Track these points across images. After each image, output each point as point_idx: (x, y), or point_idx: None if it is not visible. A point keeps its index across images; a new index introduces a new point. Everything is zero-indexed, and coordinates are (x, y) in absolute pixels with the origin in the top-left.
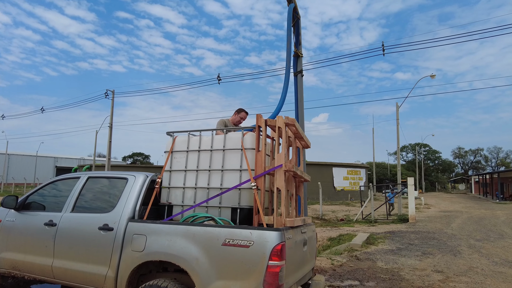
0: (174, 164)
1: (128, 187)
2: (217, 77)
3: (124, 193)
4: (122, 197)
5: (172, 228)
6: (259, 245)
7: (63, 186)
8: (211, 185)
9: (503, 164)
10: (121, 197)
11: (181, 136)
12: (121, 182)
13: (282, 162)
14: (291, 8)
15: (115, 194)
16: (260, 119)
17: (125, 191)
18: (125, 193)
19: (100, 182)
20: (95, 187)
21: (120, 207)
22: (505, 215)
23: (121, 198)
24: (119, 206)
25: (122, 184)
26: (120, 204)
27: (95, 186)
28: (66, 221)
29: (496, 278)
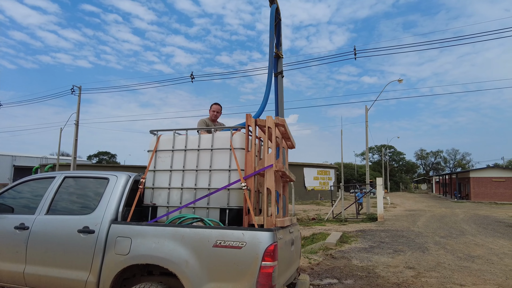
0: (159, 163)
1: (109, 187)
2: (190, 75)
3: (105, 194)
4: (104, 198)
5: (159, 230)
6: (252, 246)
7: (36, 187)
8: (199, 185)
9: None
10: (103, 198)
11: (166, 135)
12: (102, 182)
13: (272, 162)
14: (273, 8)
15: (96, 195)
16: (249, 119)
17: (106, 192)
18: (107, 193)
19: (78, 183)
20: (72, 187)
21: (101, 209)
22: (463, 213)
23: (103, 199)
24: (101, 208)
25: (103, 184)
26: (101, 205)
27: (73, 186)
28: (40, 224)
29: (462, 272)
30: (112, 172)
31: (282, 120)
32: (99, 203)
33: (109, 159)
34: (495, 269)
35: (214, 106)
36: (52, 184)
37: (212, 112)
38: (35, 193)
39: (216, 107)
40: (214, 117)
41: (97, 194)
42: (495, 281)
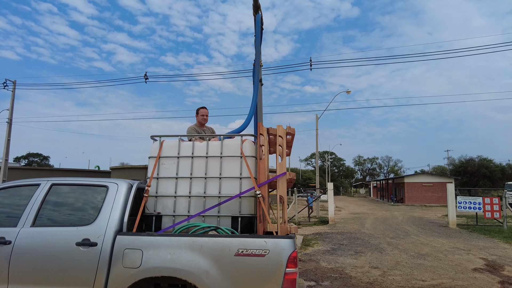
0: (162, 170)
1: (110, 196)
2: (144, 76)
3: (106, 203)
4: (105, 208)
5: (175, 240)
6: (275, 254)
7: (15, 196)
8: (208, 193)
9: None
10: (103, 208)
11: (169, 140)
12: (99, 191)
13: (284, 170)
14: (259, 17)
15: (94, 204)
16: (261, 127)
17: (107, 201)
18: (108, 202)
19: (69, 191)
20: (62, 196)
21: (103, 219)
22: (401, 215)
23: (104, 209)
24: (102, 218)
25: (101, 192)
26: (102, 215)
27: (63, 195)
28: (26, 237)
29: (419, 270)
30: (108, 179)
31: (293, 130)
32: (99, 213)
33: (41, 161)
34: (444, 265)
35: (201, 110)
36: (37, 192)
37: (200, 117)
38: (14, 202)
39: (204, 111)
40: (203, 121)
41: (96, 203)
42: (448, 276)
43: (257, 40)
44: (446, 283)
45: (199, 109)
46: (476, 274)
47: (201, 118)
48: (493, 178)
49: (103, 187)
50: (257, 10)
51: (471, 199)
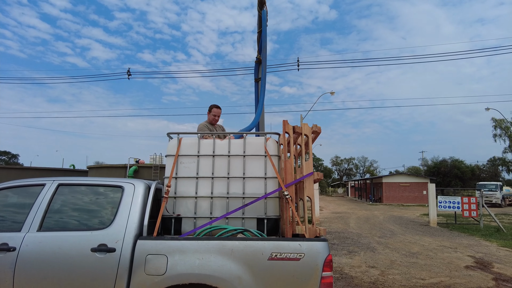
0: (181, 170)
1: (126, 197)
2: (127, 72)
3: (122, 204)
4: (122, 210)
5: (203, 244)
6: (311, 257)
7: (17, 197)
8: (231, 193)
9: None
10: (120, 210)
11: (187, 138)
12: (114, 191)
13: (311, 170)
14: (264, 13)
15: (108, 206)
16: (287, 126)
17: (123, 203)
18: (124, 204)
19: (78, 191)
20: (71, 198)
21: (121, 222)
22: (381, 214)
23: (120, 211)
24: (119, 221)
25: (116, 193)
26: (120, 218)
27: (71, 196)
28: (33, 243)
29: (415, 268)
30: (121, 179)
31: (319, 128)
32: (116, 216)
33: (9, 159)
34: (437, 263)
35: (214, 109)
36: (42, 193)
37: (212, 116)
38: (16, 204)
39: (217, 111)
40: (214, 121)
41: (110, 206)
42: (444, 274)
43: (264, 36)
44: (445, 281)
45: (212, 107)
46: (470, 271)
47: (211, 118)
48: (464, 178)
49: (118, 187)
50: (262, 5)
51: (451, 199)
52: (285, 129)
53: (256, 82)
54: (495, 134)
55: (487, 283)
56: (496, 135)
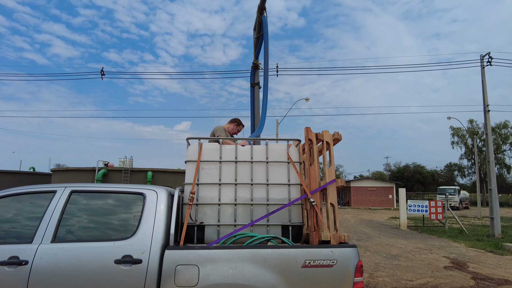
0: (203, 176)
1: (149, 204)
2: (101, 71)
3: (146, 212)
4: (145, 218)
5: (235, 253)
6: (343, 263)
7: (24, 206)
8: (255, 200)
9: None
10: (144, 218)
11: (209, 144)
12: (133, 199)
13: (333, 177)
14: (265, 19)
15: (130, 215)
16: (310, 133)
17: (147, 210)
18: (148, 212)
19: (93, 199)
20: (86, 205)
21: (146, 232)
22: (352, 218)
23: (144, 220)
24: (144, 230)
25: (137, 201)
26: (144, 227)
27: (86, 204)
28: (48, 256)
29: (400, 270)
30: (140, 186)
31: (340, 135)
32: (139, 224)
33: None
34: (418, 265)
35: (241, 126)
36: (54, 201)
37: (235, 129)
38: (24, 213)
39: (242, 128)
40: (233, 133)
41: (132, 214)
42: (428, 275)
43: (266, 42)
44: (431, 282)
45: (240, 124)
46: (450, 271)
47: (235, 131)
48: (425, 183)
49: (139, 194)
50: (262, 11)
51: (420, 203)
52: (308, 136)
53: (252, 87)
54: (453, 141)
55: (468, 282)
56: (453, 142)
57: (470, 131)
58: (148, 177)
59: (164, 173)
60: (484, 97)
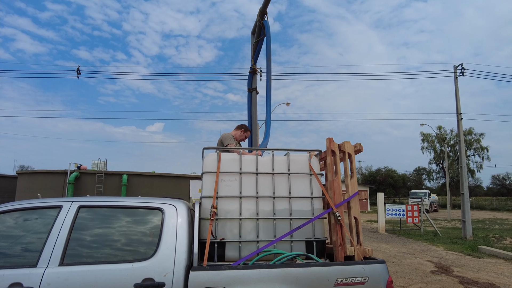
0: (222, 188)
1: (169, 221)
2: (77, 70)
3: (165, 230)
4: (166, 236)
5: (265, 273)
6: (374, 280)
7: (25, 223)
8: (278, 214)
9: None
10: (164, 236)
11: (227, 154)
12: (151, 214)
13: (356, 189)
14: (267, 23)
15: (147, 232)
16: (332, 143)
17: (166, 227)
18: (168, 230)
19: (104, 215)
20: (96, 223)
21: (167, 251)
22: None
23: (164, 238)
24: (165, 250)
25: (154, 217)
26: (165, 246)
27: (97, 221)
28: (57, 281)
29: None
30: (156, 199)
31: (361, 146)
32: (159, 243)
33: None
34: (406, 270)
35: (248, 132)
36: (60, 218)
37: (243, 136)
38: (25, 233)
39: (249, 135)
40: (241, 140)
41: (150, 231)
42: (418, 280)
43: (268, 47)
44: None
45: (247, 130)
46: (437, 276)
47: (242, 137)
48: (396, 186)
49: (156, 209)
50: (263, 15)
51: (397, 207)
52: (331, 147)
53: (250, 92)
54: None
55: (457, 287)
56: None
57: (438, 137)
58: (123, 180)
59: (140, 177)
60: (457, 105)
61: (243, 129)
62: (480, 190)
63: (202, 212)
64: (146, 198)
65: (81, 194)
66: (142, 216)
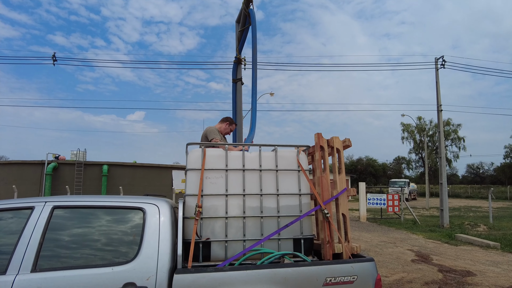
0: (207, 186)
1: (151, 222)
2: (52, 57)
3: (147, 231)
4: (148, 238)
5: (253, 274)
6: (363, 279)
7: None
8: (265, 212)
9: None
10: (145, 238)
11: (213, 150)
12: (131, 215)
13: (344, 185)
14: (253, 12)
15: (127, 234)
16: (321, 139)
17: (148, 229)
18: (150, 231)
19: (80, 216)
20: (72, 224)
21: (149, 254)
22: None
23: (146, 240)
24: (147, 252)
25: (134, 217)
26: (147, 249)
27: (72, 222)
28: None
29: None
30: (136, 198)
31: (349, 141)
32: (141, 245)
33: None
34: (388, 259)
35: (234, 125)
36: (32, 220)
37: (228, 129)
38: None
39: (234, 128)
40: (225, 133)
41: (130, 233)
42: (399, 269)
43: (254, 37)
44: (405, 277)
45: (233, 122)
46: (418, 265)
47: (228, 130)
48: (377, 175)
49: (137, 209)
50: (248, 3)
51: (378, 196)
52: (319, 142)
53: (234, 83)
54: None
55: (437, 275)
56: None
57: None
58: (103, 171)
59: (121, 167)
60: (438, 97)
61: (228, 121)
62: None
63: (186, 211)
64: (127, 197)
65: (60, 185)
66: (122, 216)
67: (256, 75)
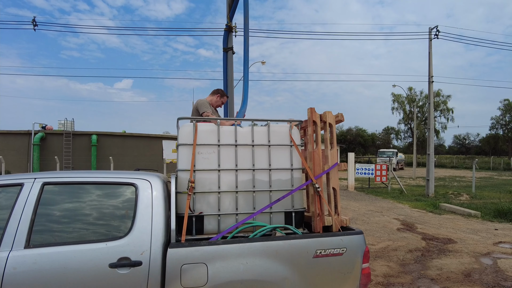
0: (199, 161)
1: (144, 197)
2: (32, 21)
3: (140, 206)
4: (141, 213)
5: (245, 247)
6: (352, 251)
7: None
8: (257, 186)
9: None
10: (138, 213)
11: (204, 125)
12: (123, 190)
13: (336, 160)
14: None
15: (120, 210)
16: (314, 114)
17: (141, 204)
18: (143, 206)
19: (71, 192)
20: (62, 200)
21: (143, 229)
22: None
23: (139, 215)
24: (141, 227)
25: (128, 193)
26: (140, 224)
27: (63, 199)
28: (23, 264)
29: None
30: (129, 174)
31: (342, 116)
32: (134, 221)
33: None
34: (374, 228)
35: (225, 97)
36: (22, 197)
37: (219, 102)
38: None
39: (226, 100)
40: (217, 106)
41: (123, 208)
42: (385, 237)
43: (246, 4)
44: (391, 245)
45: (224, 95)
46: (403, 233)
47: (219, 103)
48: (366, 145)
49: (128, 185)
50: None
51: (367, 166)
52: (312, 117)
53: (225, 52)
54: (393, 107)
55: (421, 243)
56: (394, 108)
57: (409, 98)
58: (92, 141)
59: (110, 137)
60: (430, 68)
61: (219, 94)
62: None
63: (178, 186)
64: (118, 173)
65: (48, 156)
66: (114, 191)
67: (248, 45)
